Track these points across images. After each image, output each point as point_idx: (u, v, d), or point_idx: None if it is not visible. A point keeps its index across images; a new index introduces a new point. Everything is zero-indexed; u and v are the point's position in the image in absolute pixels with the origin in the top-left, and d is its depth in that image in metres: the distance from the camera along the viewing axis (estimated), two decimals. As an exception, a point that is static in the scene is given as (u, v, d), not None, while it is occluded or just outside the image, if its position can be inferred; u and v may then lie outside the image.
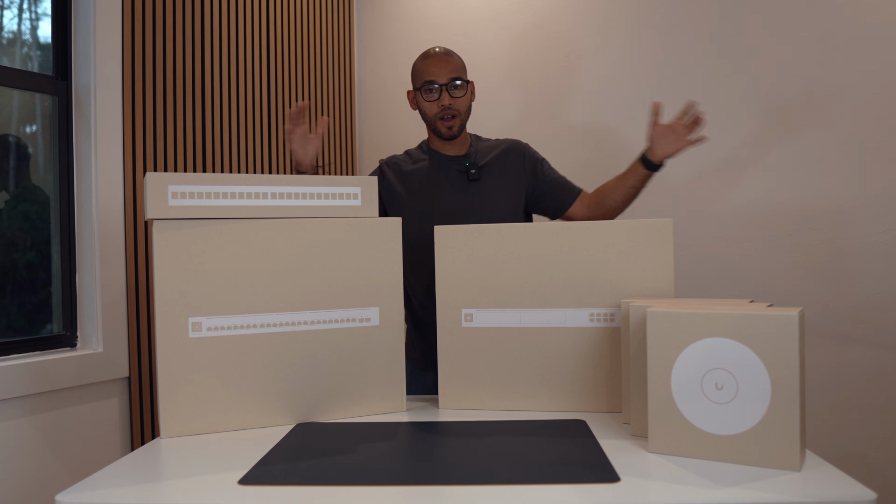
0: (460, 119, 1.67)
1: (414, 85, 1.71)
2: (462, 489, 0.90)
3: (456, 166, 1.71)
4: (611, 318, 1.30)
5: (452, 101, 1.65)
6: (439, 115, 1.66)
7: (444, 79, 1.64)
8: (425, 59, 1.68)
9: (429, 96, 1.66)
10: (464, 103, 1.67)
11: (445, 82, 1.64)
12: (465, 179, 1.69)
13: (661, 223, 1.30)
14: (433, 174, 1.71)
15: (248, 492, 0.92)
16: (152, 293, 1.72)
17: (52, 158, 1.68)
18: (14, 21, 1.65)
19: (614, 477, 0.93)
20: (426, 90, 1.66)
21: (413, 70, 1.72)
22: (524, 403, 1.34)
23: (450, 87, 1.64)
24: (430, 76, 1.65)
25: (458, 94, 1.66)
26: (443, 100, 1.64)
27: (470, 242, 1.35)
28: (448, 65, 1.65)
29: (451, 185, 1.69)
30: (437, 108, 1.66)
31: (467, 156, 1.72)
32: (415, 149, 1.79)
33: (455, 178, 1.70)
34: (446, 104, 1.64)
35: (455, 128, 1.67)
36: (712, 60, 2.24)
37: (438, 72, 1.64)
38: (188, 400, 1.21)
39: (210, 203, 1.21)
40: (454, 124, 1.66)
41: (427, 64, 1.66)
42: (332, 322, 1.30)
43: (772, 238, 2.17)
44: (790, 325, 0.94)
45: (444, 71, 1.64)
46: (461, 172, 1.70)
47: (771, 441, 0.95)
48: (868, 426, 2.06)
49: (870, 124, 2.07)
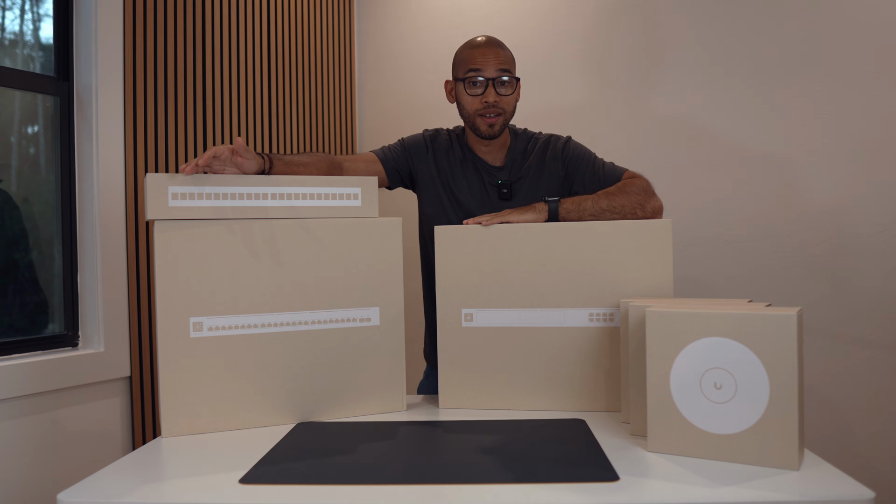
0: (504, 118, 1.50)
1: (455, 74, 1.54)
2: (462, 488, 0.91)
3: (489, 178, 1.57)
4: (610, 317, 1.31)
5: (498, 97, 1.47)
6: (480, 111, 1.48)
7: (491, 72, 1.46)
8: (472, 47, 1.50)
9: (472, 89, 1.48)
10: (510, 102, 1.50)
11: (493, 76, 1.46)
12: (498, 196, 1.56)
13: (661, 223, 1.30)
14: (466, 180, 1.58)
15: (249, 491, 0.93)
16: (153, 293, 1.73)
17: (54, 159, 1.69)
18: (16, 22, 1.65)
19: (613, 476, 0.93)
20: (470, 82, 1.48)
21: (457, 58, 1.54)
22: (524, 403, 1.35)
23: (497, 82, 1.47)
24: (476, 66, 1.47)
25: (506, 92, 1.48)
26: (487, 95, 1.47)
27: (470, 242, 1.35)
28: (498, 56, 1.47)
29: (481, 200, 1.56)
30: (479, 104, 1.48)
31: (502, 170, 1.57)
32: (454, 137, 1.62)
33: (486, 193, 1.56)
34: (491, 101, 1.47)
35: (497, 127, 1.49)
36: (713, 60, 2.24)
37: (486, 62, 1.46)
38: (189, 399, 1.21)
39: (210, 203, 1.22)
40: (496, 122, 1.49)
41: (474, 53, 1.48)
42: (332, 322, 1.30)
43: (771, 238, 2.17)
44: (789, 324, 0.95)
45: (492, 62, 1.46)
46: (494, 187, 1.56)
47: (769, 440, 0.96)
48: (866, 425, 2.06)
49: (869, 124, 2.07)
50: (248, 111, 2.15)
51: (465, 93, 1.50)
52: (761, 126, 2.18)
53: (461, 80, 1.50)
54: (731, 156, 2.22)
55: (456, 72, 1.54)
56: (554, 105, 2.44)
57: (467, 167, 1.58)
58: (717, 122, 2.23)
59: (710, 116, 2.24)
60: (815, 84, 2.12)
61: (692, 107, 2.25)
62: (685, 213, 2.26)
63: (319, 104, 2.52)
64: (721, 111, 2.22)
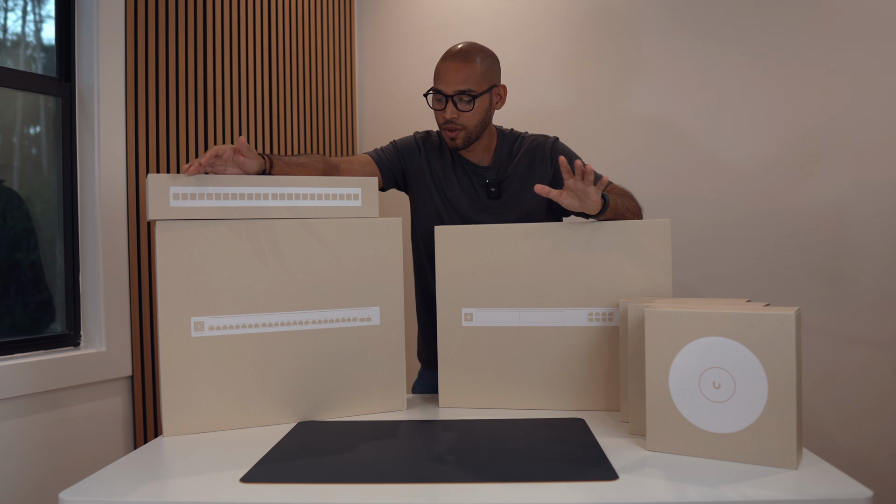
0: (466, 132, 1.52)
1: None
2: (462, 487, 0.91)
3: (477, 179, 1.59)
4: (609, 317, 1.31)
5: (456, 113, 1.50)
6: (442, 125, 1.53)
7: (449, 90, 1.49)
8: (443, 59, 1.53)
9: (435, 104, 1.53)
10: (471, 119, 1.51)
11: (451, 94, 1.49)
12: (486, 195, 1.58)
13: (660, 223, 1.30)
14: (455, 181, 1.60)
15: (250, 489, 0.93)
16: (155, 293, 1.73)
17: (56, 159, 1.69)
18: (18, 23, 1.66)
19: (612, 475, 0.94)
20: (434, 98, 1.53)
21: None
22: (523, 402, 1.35)
23: (455, 99, 1.49)
24: (438, 83, 1.51)
25: (464, 109, 1.50)
26: (446, 112, 1.50)
27: (470, 242, 1.36)
28: (459, 73, 1.49)
29: (471, 199, 1.59)
30: (441, 118, 1.53)
31: (489, 169, 1.59)
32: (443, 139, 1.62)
33: (475, 193, 1.59)
34: (448, 118, 1.50)
35: (458, 140, 1.53)
36: (709, 60, 2.24)
37: (447, 80, 1.49)
38: (190, 399, 1.22)
39: (211, 204, 1.22)
40: (457, 137, 1.52)
41: (440, 68, 1.52)
42: (333, 321, 1.31)
43: (769, 238, 2.17)
44: (787, 324, 0.95)
45: (452, 80, 1.49)
46: (482, 186, 1.59)
47: (768, 439, 0.96)
48: (864, 424, 2.07)
49: (869, 124, 2.07)
50: (248, 112, 2.15)
51: (431, 106, 1.55)
52: (761, 126, 2.18)
53: (427, 93, 1.54)
54: (730, 156, 2.22)
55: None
56: (551, 106, 2.44)
57: (456, 168, 1.61)
58: (716, 122, 2.23)
59: (709, 116, 2.24)
60: (814, 84, 2.12)
61: (692, 107, 2.26)
62: (684, 214, 2.26)
63: (320, 105, 2.52)
64: (721, 111, 2.22)
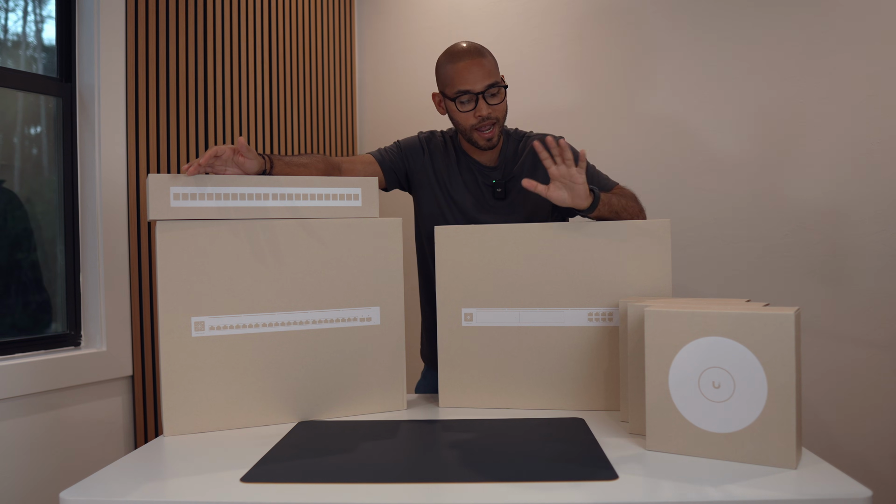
0: (499, 126, 1.51)
1: (443, 90, 1.52)
2: (461, 486, 0.91)
3: (483, 179, 1.58)
4: (609, 317, 1.32)
5: (491, 109, 1.47)
6: (476, 125, 1.48)
7: (479, 86, 1.45)
8: (455, 61, 1.47)
9: (464, 107, 1.48)
10: (501, 109, 1.50)
11: (482, 90, 1.45)
12: (492, 196, 1.57)
13: (659, 223, 1.31)
14: (461, 180, 1.59)
15: (251, 489, 0.93)
16: (155, 293, 1.73)
17: (56, 159, 1.69)
18: (19, 23, 1.66)
19: (612, 474, 0.94)
20: (460, 101, 1.48)
21: (441, 72, 1.52)
22: (523, 402, 1.35)
23: (486, 94, 1.46)
24: (465, 85, 1.45)
25: (496, 101, 1.48)
26: (480, 110, 1.46)
27: (470, 242, 1.36)
28: (482, 68, 1.46)
29: (476, 200, 1.58)
30: (473, 119, 1.48)
31: (495, 170, 1.58)
32: (447, 139, 1.63)
33: (481, 193, 1.58)
34: (484, 114, 1.46)
35: (495, 137, 1.50)
36: (709, 60, 2.24)
37: (473, 79, 1.45)
38: (191, 398, 1.22)
39: (212, 204, 1.23)
40: (493, 134, 1.50)
41: (459, 69, 1.46)
42: (333, 321, 1.31)
43: (769, 238, 2.18)
44: (786, 324, 0.95)
45: (478, 77, 1.45)
46: (488, 186, 1.58)
47: (767, 439, 0.96)
48: (864, 424, 2.07)
49: (867, 124, 2.07)
50: (249, 112, 2.15)
51: (458, 110, 1.49)
52: (760, 126, 2.19)
53: (451, 98, 1.49)
54: (728, 156, 2.22)
55: (444, 89, 1.52)
56: (552, 106, 2.45)
57: (462, 168, 1.60)
58: (715, 122, 2.23)
59: (708, 117, 2.24)
60: (813, 84, 2.13)
61: (691, 107, 2.26)
62: (684, 214, 2.26)
63: (320, 105, 2.52)
64: (720, 111, 2.23)
